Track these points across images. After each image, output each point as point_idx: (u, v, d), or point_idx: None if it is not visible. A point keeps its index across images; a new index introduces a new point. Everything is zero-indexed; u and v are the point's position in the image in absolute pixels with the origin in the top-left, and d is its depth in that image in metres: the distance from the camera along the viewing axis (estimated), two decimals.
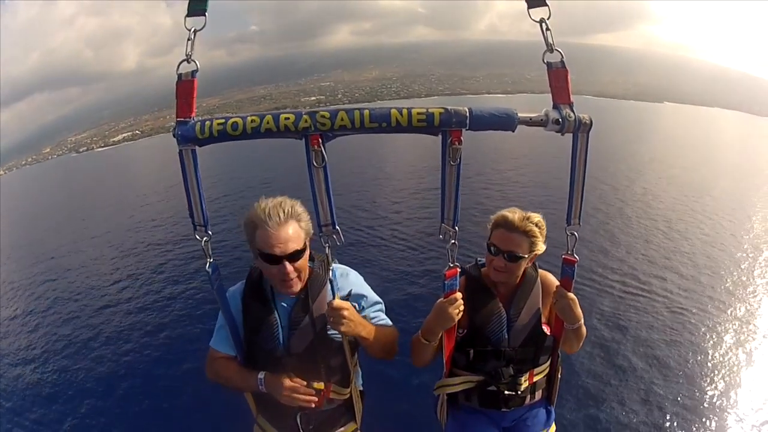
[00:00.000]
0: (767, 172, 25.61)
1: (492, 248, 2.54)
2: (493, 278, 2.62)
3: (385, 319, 2.59)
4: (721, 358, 8.12)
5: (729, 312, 9.68)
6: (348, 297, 2.41)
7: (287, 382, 2.34)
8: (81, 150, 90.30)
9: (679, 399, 7.15)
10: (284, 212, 2.22)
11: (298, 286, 2.35)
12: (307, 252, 2.34)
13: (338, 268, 2.49)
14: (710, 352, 8.29)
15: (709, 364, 7.95)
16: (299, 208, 2.30)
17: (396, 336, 2.59)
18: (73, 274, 14.40)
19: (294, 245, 2.23)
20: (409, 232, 14.18)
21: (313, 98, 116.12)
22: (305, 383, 2.37)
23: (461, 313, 2.38)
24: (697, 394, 7.26)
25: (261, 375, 2.40)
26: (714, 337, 8.75)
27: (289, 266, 2.24)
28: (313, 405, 2.40)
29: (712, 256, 12.61)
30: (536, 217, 2.53)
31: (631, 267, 11.45)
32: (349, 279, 2.54)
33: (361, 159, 25.79)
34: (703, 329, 8.97)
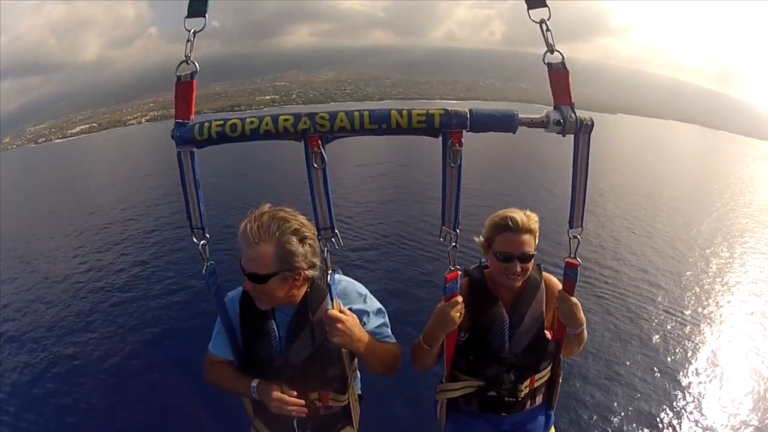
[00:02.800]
0: (710, 178, 26.82)
1: (502, 255, 2.39)
2: (507, 285, 2.47)
3: (387, 336, 2.40)
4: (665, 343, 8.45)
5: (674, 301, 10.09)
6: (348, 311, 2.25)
7: (275, 393, 2.16)
8: (39, 141, 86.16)
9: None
10: (262, 233, 2.02)
11: (263, 305, 2.17)
12: (280, 284, 2.10)
13: (341, 279, 2.32)
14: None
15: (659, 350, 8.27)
16: (290, 239, 2.05)
17: (397, 353, 2.41)
18: (36, 256, 13.87)
19: (254, 268, 2.03)
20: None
21: (267, 97, 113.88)
22: (295, 393, 2.20)
23: (462, 316, 2.26)
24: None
25: (254, 383, 2.22)
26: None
27: (248, 284, 2.09)
28: (304, 415, 2.25)
29: (648, 255, 12.96)
30: (533, 214, 2.43)
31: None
32: (350, 292, 2.34)
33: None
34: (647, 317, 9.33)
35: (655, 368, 7.71)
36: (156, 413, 6.79)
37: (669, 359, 8.00)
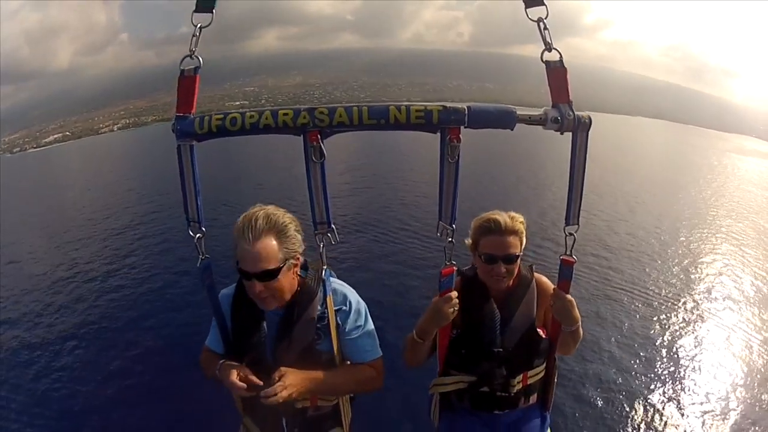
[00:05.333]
0: (666, 168, 26.66)
1: (486, 257, 2.32)
2: (494, 287, 2.40)
3: (369, 351, 2.25)
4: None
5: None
6: (337, 312, 2.16)
7: (226, 373, 1.98)
8: (15, 151, 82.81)
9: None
10: (263, 227, 1.90)
11: (272, 305, 2.03)
12: (287, 274, 2.00)
13: (333, 282, 2.22)
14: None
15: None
16: (288, 224, 1.98)
17: (369, 376, 2.23)
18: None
19: (264, 265, 1.90)
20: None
21: (237, 103, 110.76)
22: (240, 371, 1.99)
23: (456, 312, 2.18)
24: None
25: (219, 363, 2.08)
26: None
27: (258, 285, 1.93)
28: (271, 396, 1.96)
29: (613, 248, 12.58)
30: (518, 215, 2.36)
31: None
32: (339, 294, 2.22)
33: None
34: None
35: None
36: (143, 384, 6.77)
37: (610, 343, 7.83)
